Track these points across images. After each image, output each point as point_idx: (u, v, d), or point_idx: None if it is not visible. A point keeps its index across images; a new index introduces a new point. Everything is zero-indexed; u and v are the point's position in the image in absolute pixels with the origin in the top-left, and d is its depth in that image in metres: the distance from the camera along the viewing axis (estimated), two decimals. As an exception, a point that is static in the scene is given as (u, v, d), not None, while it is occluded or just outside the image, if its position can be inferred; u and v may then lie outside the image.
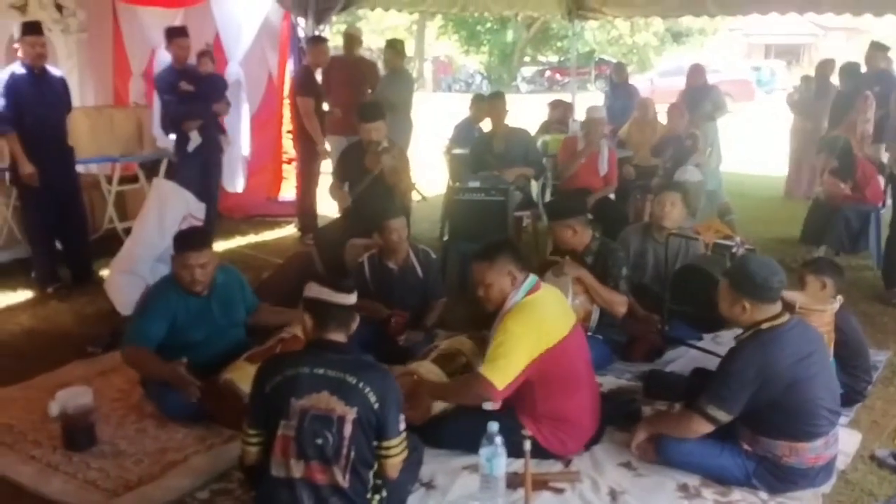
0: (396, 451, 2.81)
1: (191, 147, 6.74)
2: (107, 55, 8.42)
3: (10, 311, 5.55)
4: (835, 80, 8.81)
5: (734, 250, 4.26)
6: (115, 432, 3.73)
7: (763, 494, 3.15)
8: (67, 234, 6.03)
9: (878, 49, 8.33)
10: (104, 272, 5.73)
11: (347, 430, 2.67)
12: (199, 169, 6.76)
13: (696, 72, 8.88)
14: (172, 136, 6.90)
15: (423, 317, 4.73)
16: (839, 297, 3.87)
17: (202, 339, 3.94)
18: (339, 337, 2.87)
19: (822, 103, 8.80)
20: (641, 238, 5.12)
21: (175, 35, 6.67)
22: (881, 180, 6.71)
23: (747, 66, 30.22)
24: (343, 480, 2.67)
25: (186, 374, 3.70)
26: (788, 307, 3.35)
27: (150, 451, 3.55)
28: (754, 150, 13.19)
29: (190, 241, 3.95)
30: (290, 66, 8.10)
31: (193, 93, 6.71)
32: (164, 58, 7.35)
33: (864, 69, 8.26)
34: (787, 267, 5.99)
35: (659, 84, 22.10)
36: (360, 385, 2.72)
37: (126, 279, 5.14)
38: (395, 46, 8.23)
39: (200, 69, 6.88)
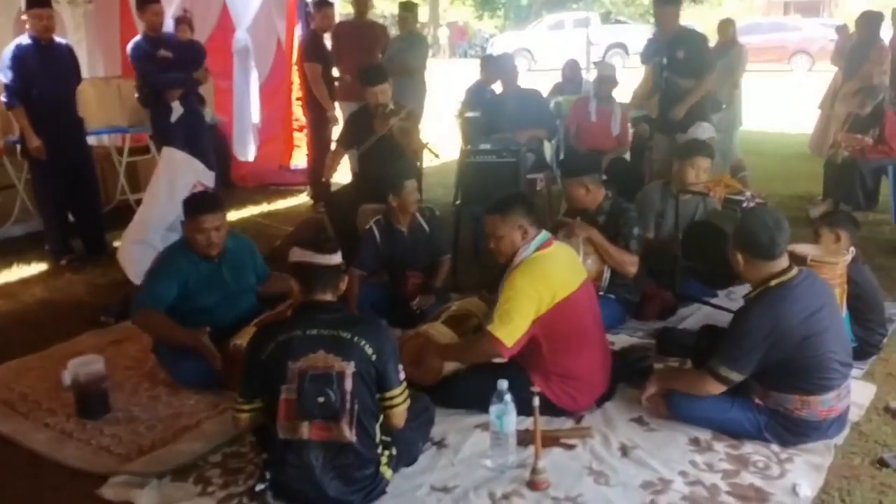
0: (399, 399, 2.84)
1: (174, 118, 6.42)
2: (114, 26, 8.34)
3: (25, 283, 5.59)
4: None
5: (745, 205, 4.20)
6: (128, 400, 3.75)
7: (775, 447, 3.12)
8: (79, 205, 6.03)
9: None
10: (117, 243, 5.74)
11: (348, 384, 2.67)
12: (183, 140, 6.22)
13: (724, 27, 8.69)
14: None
15: (432, 277, 4.69)
16: (852, 250, 3.81)
17: (213, 304, 3.94)
18: (326, 297, 2.87)
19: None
20: (661, 196, 5.05)
21: (147, 2, 6.22)
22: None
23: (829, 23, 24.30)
24: (350, 435, 2.68)
25: (209, 343, 3.70)
26: (800, 260, 3.30)
27: (163, 417, 3.57)
28: (786, 111, 12.96)
29: (204, 204, 3.93)
30: (298, 32, 8.02)
31: (173, 61, 6.35)
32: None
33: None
34: (804, 222, 5.96)
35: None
36: (355, 339, 2.73)
37: (138, 249, 5.14)
38: (409, 9, 8.13)
39: (179, 36, 6.56)
